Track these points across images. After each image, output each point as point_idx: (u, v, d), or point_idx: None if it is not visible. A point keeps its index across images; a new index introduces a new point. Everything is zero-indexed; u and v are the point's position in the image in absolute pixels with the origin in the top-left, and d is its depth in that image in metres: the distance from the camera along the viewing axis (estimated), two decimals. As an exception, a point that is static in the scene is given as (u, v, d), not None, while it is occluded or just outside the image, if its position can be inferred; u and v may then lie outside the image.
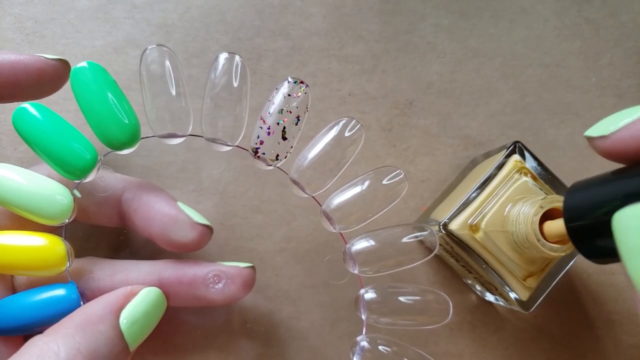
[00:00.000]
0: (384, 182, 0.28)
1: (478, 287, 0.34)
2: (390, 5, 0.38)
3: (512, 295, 0.30)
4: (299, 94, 0.27)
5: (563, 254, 0.27)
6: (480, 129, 0.37)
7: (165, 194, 0.30)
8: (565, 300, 0.36)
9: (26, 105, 0.26)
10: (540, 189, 0.30)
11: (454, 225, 0.30)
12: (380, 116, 0.37)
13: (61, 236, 0.27)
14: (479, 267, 0.30)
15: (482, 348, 0.35)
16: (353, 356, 0.29)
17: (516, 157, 0.31)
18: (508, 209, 0.30)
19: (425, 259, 0.29)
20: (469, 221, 0.30)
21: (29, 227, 0.27)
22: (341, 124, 0.28)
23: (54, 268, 0.27)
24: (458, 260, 0.33)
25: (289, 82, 0.27)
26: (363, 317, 0.29)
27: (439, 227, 0.30)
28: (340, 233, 0.29)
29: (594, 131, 0.21)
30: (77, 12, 0.36)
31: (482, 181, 0.30)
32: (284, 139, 0.27)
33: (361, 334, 0.30)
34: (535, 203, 0.28)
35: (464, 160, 0.37)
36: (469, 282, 0.35)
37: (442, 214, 0.32)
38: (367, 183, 0.28)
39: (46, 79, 0.27)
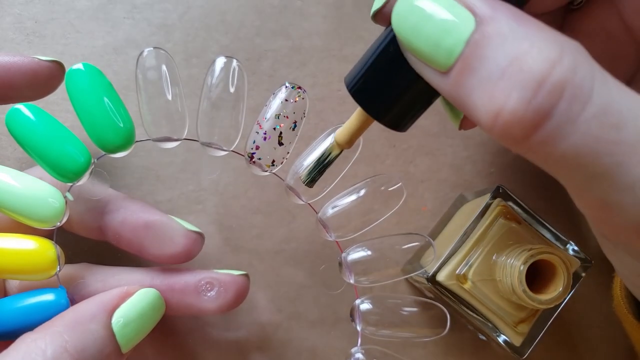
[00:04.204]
0: (382, 190, 0.27)
1: (471, 327, 0.34)
2: (390, 4, 0.37)
3: (505, 341, 0.30)
4: (297, 99, 0.27)
5: (551, 306, 0.27)
6: (480, 129, 0.37)
7: (152, 206, 0.30)
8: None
9: (19, 106, 0.25)
10: (526, 233, 0.30)
11: (441, 277, 0.29)
12: (380, 116, 0.36)
13: (52, 240, 0.27)
14: (470, 316, 0.30)
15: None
16: None
17: (500, 201, 0.30)
18: (495, 256, 0.29)
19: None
20: (457, 271, 0.29)
21: (20, 230, 0.26)
22: None
23: (44, 272, 0.26)
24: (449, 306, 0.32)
25: (286, 87, 0.27)
26: (358, 328, 0.29)
27: (426, 279, 0.30)
28: (337, 241, 0.29)
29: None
30: (77, 12, 0.35)
31: (466, 229, 0.30)
32: (281, 144, 0.27)
33: (357, 343, 0.29)
34: (522, 254, 0.27)
35: (463, 160, 0.36)
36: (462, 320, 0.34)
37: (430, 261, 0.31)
38: (363, 191, 0.28)
39: (40, 81, 0.27)
